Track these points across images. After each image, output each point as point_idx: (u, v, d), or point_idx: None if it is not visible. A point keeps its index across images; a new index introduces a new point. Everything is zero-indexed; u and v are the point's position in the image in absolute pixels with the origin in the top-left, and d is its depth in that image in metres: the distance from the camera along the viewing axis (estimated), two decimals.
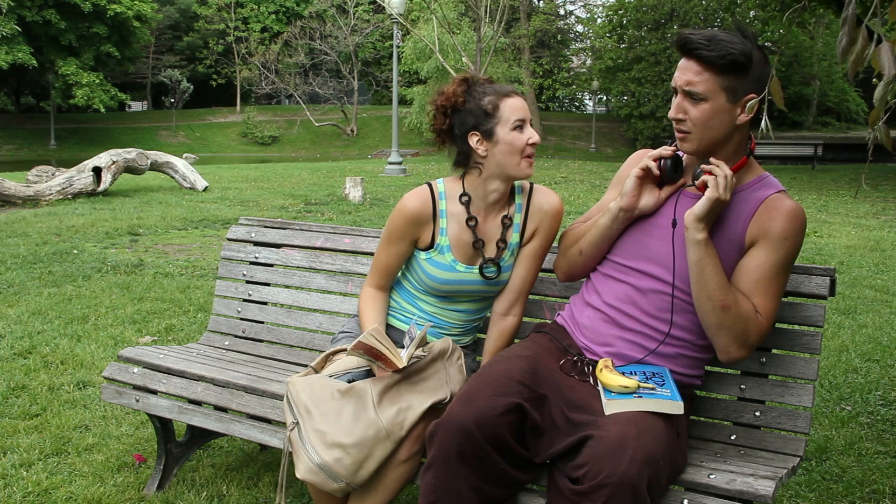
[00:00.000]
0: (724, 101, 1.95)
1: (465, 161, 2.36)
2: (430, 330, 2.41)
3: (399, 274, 2.50)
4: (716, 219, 2.00)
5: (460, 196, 2.37)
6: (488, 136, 2.28)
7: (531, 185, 2.43)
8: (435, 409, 2.12)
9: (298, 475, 2.07)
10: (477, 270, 2.37)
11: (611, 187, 2.32)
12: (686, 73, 1.97)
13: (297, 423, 2.11)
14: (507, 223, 2.38)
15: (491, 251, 2.38)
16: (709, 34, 1.94)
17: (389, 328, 2.47)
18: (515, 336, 2.44)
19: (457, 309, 2.43)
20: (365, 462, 2.04)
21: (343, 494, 2.10)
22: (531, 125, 2.30)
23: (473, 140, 2.29)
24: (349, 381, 2.18)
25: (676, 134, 2.05)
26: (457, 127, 2.32)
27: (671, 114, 2.03)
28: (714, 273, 1.97)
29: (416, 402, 2.10)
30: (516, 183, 2.39)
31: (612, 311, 2.15)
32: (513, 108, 2.27)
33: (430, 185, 2.39)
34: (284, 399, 2.21)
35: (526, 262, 2.40)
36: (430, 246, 2.38)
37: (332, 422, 2.06)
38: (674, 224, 2.07)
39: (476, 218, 2.37)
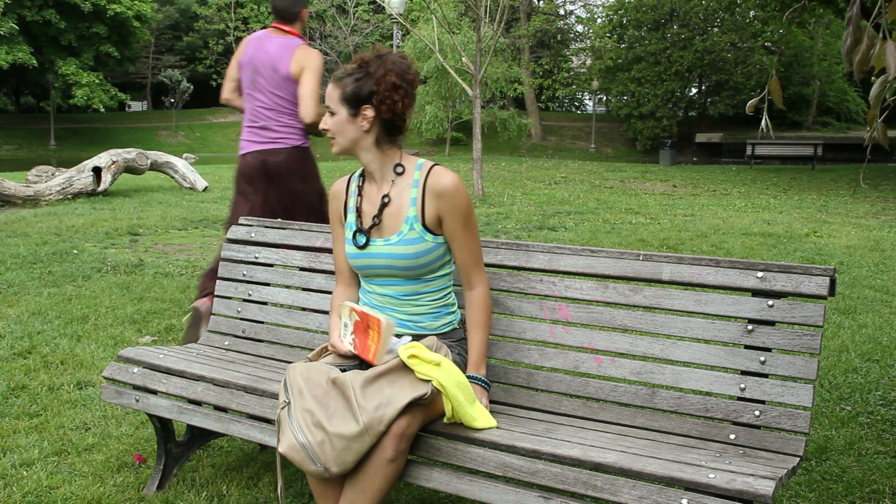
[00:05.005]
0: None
1: None
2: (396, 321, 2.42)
3: None
4: None
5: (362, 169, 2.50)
6: None
7: (432, 167, 2.42)
8: (415, 405, 2.13)
9: (280, 450, 2.11)
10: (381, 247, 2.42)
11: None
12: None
13: (289, 402, 2.16)
14: (385, 201, 2.41)
15: (366, 223, 2.43)
16: None
17: None
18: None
19: (382, 292, 2.44)
20: (343, 453, 2.06)
21: (320, 478, 2.14)
22: (330, 109, 2.39)
23: None
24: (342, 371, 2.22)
25: None
26: None
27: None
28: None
29: (395, 398, 2.11)
30: (419, 161, 2.46)
31: None
32: None
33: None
34: (282, 382, 2.25)
35: (455, 244, 2.41)
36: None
37: (321, 408, 2.10)
38: None
39: (362, 186, 2.48)
